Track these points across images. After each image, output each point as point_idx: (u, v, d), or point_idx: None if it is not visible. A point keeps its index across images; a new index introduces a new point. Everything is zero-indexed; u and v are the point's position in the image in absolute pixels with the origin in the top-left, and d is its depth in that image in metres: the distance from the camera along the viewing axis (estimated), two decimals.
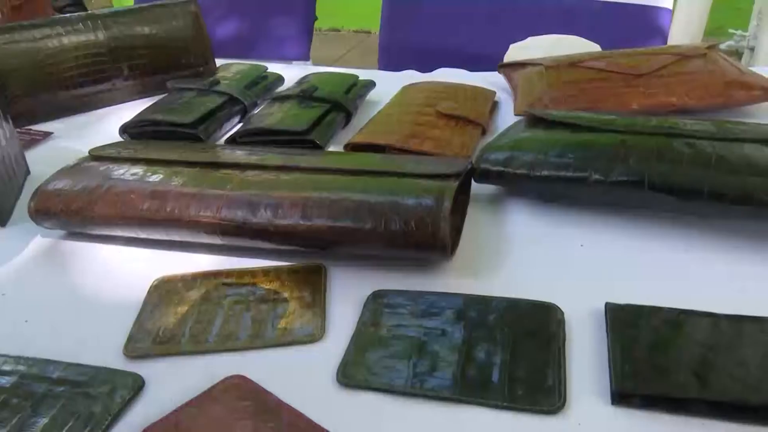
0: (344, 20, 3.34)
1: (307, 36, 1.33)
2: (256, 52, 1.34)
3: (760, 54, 1.98)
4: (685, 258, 0.46)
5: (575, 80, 0.70)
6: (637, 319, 0.38)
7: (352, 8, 3.19)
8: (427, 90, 0.76)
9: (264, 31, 1.36)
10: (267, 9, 1.34)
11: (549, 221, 0.52)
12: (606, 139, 0.52)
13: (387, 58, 1.19)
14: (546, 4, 1.11)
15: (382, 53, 1.20)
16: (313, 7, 1.33)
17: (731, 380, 0.33)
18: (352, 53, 3.04)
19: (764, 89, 0.66)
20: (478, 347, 0.37)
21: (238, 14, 1.38)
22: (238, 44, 1.36)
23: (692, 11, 1.92)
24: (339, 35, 3.34)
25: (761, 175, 0.44)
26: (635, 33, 1.07)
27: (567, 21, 1.10)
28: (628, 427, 0.32)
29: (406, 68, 0.98)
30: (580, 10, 1.12)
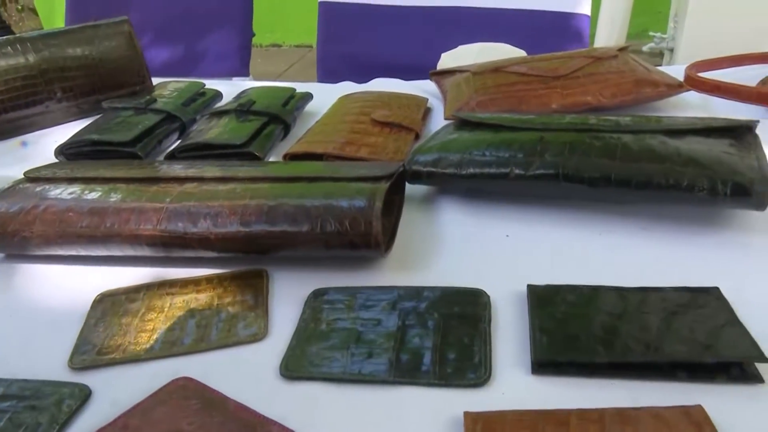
0: (285, 36, 3.35)
1: (245, 52, 1.35)
2: (196, 70, 1.35)
3: (678, 54, 2.12)
4: (600, 241, 0.50)
5: (499, 84, 0.75)
6: (554, 297, 0.42)
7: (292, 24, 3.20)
8: (362, 100, 0.80)
9: (202, 49, 1.37)
10: (203, 27, 1.35)
11: (477, 215, 0.55)
12: (525, 137, 0.56)
13: (325, 70, 1.22)
14: (474, 15, 1.17)
15: (320, 66, 1.23)
16: (250, 24, 1.35)
17: (635, 343, 0.36)
18: (294, 68, 3.05)
19: (668, 85, 0.72)
20: (411, 333, 0.40)
21: (174, 33, 1.38)
22: (178, 63, 1.36)
23: (614, 17, 2.03)
24: (280, 51, 3.35)
25: (659, 162, 0.49)
26: (558, 38, 1.13)
27: (494, 29, 1.16)
28: (547, 391, 0.36)
29: (343, 80, 1.01)
30: (507, 19, 1.18)
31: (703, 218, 0.51)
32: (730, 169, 0.47)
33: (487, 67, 0.79)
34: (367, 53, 1.18)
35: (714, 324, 0.37)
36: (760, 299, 0.41)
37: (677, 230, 0.50)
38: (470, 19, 1.16)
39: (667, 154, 0.49)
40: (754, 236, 0.48)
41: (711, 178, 0.47)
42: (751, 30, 1.74)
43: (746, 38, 1.22)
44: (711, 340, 0.36)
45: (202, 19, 1.36)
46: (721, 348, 0.35)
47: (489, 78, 0.77)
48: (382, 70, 1.03)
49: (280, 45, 3.38)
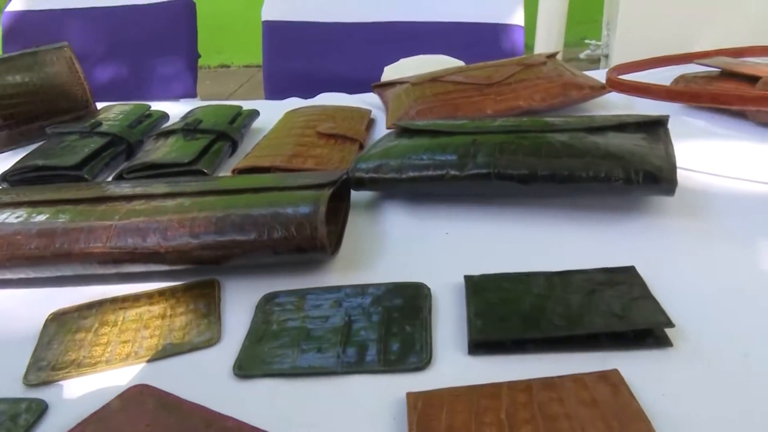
0: (233, 56, 3.36)
1: (191, 73, 1.36)
2: (143, 93, 1.35)
3: (612, 60, 2.23)
4: (531, 232, 0.54)
5: (437, 93, 0.79)
6: (488, 285, 0.45)
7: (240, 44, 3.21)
8: (307, 114, 0.82)
9: (148, 73, 1.37)
10: (148, 51, 1.36)
11: (419, 216, 0.58)
12: (459, 140, 0.59)
13: (272, 88, 1.24)
14: (414, 29, 1.22)
15: (267, 83, 1.25)
16: (195, 45, 1.36)
17: (559, 319, 0.40)
18: (244, 88, 3.06)
19: (592, 88, 0.77)
20: (357, 327, 0.42)
21: (119, 58, 1.38)
22: (124, 88, 1.36)
23: (551, 26, 2.12)
24: (229, 71, 3.35)
25: (580, 156, 0.53)
26: (494, 48, 1.19)
27: (434, 42, 1.20)
28: (483, 369, 0.39)
29: (289, 96, 1.03)
30: (445, 32, 1.23)
31: (623, 206, 0.55)
32: (642, 160, 0.51)
33: (426, 78, 0.83)
34: (312, 70, 1.21)
35: (629, 298, 0.41)
36: (671, 274, 0.45)
37: (600, 218, 0.54)
38: (410, 34, 1.21)
39: (587, 149, 0.54)
40: (667, 220, 0.53)
41: (625, 168, 0.51)
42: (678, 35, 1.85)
43: (674, 42, 1.30)
44: (625, 312, 0.40)
45: (146, 42, 1.37)
46: (634, 318, 0.39)
47: (427, 88, 0.81)
48: (327, 85, 1.06)
49: (229, 66, 3.39)
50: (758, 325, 0.40)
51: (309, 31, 1.21)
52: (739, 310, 0.41)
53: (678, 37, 1.75)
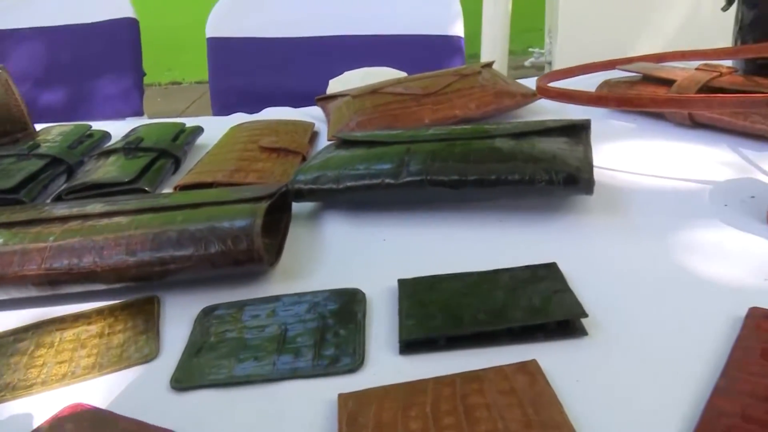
0: (184, 73, 3.33)
1: (137, 91, 1.34)
2: (88, 114, 1.33)
3: (555, 66, 2.31)
4: (463, 235, 0.56)
5: (376, 105, 0.81)
6: (420, 287, 0.47)
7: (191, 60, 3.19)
8: (250, 129, 0.83)
9: (92, 93, 1.36)
10: (91, 71, 1.34)
11: (357, 224, 0.60)
12: (394, 149, 0.62)
13: (219, 104, 1.24)
14: (358, 42, 1.24)
15: (214, 100, 1.25)
16: (140, 63, 1.35)
17: (484, 315, 0.42)
18: (197, 104, 3.03)
19: (524, 95, 0.81)
20: (292, 334, 0.44)
21: (62, 78, 1.36)
22: (68, 109, 1.34)
23: (495, 37, 2.19)
24: (180, 88, 3.32)
25: (505, 161, 0.56)
26: (435, 59, 1.22)
27: (377, 55, 1.23)
28: (413, 367, 0.40)
29: (236, 111, 1.04)
30: (388, 44, 1.26)
31: (548, 206, 0.58)
32: (562, 162, 0.54)
33: (366, 90, 0.86)
34: (258, 85, 1.22)
35: (549, 292, 0.44)
36: (590, 268, 0.48)
37: (526, 218, 0.57)
38: (354, 47, 1.23)
39: (513, 153, 0.57)
40: (588, 217, 0.56)
41: (547, 170, 0.54)
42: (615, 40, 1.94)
43: (612, 48, 1.35)
44: (544, 305, 0.42)
45: (89, 62, 1.35)
46: (552, 310, 0.42)
47: (367, 100, 0.83)
48: (274, 100, 1.07)
49: (180, 82, 3.35)
50: (668, 313, 0.43)
51: (254, 46, 1.22)
52: (650, 300, 0.44)
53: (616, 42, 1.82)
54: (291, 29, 1.27)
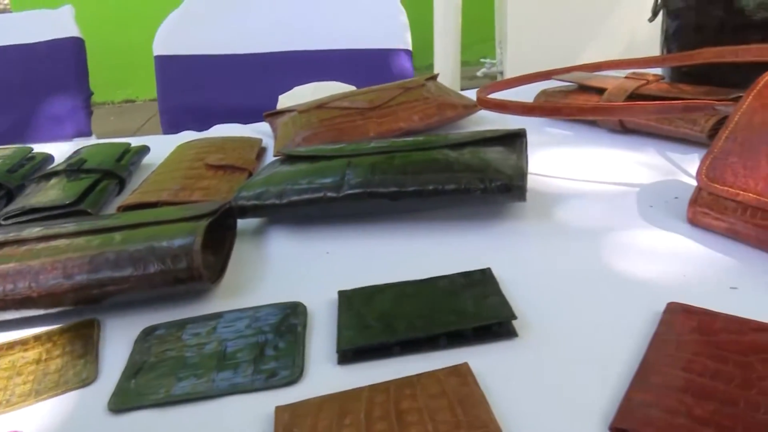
0: (138, 91, 3.28)
1: (84, 111, 1.32)
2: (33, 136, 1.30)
3: (507, 76, 2.37)
4: (405, 244, 0.57)
5: (322, 120, 0.82)
6: (359, 297, 0.48)
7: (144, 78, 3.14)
8: (197, 146, 0.83)
9: (37, 115, 1.33)
10: (36, 90, 1.32)
11: (302, 239, 0.61)
12: (336, 163, 0.63)
13: (168, 122, 1.23)
14: (307, 57, 1.25)
15: (164, 118, 1.24)
16: (86, 83, 1.33)
17: (420, 322, 0.43)
18: (152, 122, 2.99)
19: (465, 106, 0.83)
20: (232, 349, 0.44)
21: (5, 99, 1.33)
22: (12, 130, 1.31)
23: (446, 48, 2.23)
24: (135, 106, 3.26)
25: (442, 171, 0.58)
26: (383, 72, 1.24)
27: (327, 69, 1.25)
28: (351, 377, 0.41)
29: (185, 129, 1.04)
30: (337, 59, 1.27)
31: (485, 213, 0.60)
32: (496, 170, 0.56)
33: (312, 105, 0.87)
34: (208, 102, 1.21)
35: (481, 297, 0.45)
36: (523, 272, 0.50)
37: (465, 226, 0.59)
38: (304, 62, 1.24)
39: (449, 164, 0.58)
40: (523, 223, 0.58)
41: (482, 179, 0.56)
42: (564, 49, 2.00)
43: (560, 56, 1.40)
44: (477, 310, 0.44)
45: (33, 82, 1.32)
46: (483, 314, 0.43)
47: (313, 115, 0.84)
48: (224, 117, 1.07)
49: (134, 100, 3.30)
50: (593, 311, 0.45)
51: (203, 63, 1.22)
52: (577, 299, 0.46)
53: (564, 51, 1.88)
54: (240, 45, 1.27)
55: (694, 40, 0.77)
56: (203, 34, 1.27)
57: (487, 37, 3.09)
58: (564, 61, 1.01)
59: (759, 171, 0.48)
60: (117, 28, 3.04)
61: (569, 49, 2.02)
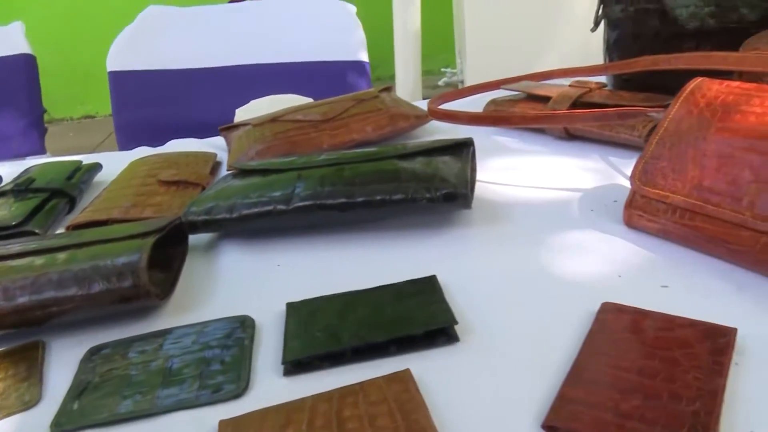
0: (98, 106, 3.22)
1: (37, 129, 1.30)
2: None
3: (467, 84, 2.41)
4: (355, 255, 0.58)
5: (276, 133, 0.82)
6: (307, 308, 0.48)
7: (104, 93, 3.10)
8: (150, 162, 0.83)
9: None
10: None
11: (253, 252, 0.61)
12: (286, 176, 0.63)
13: (124, 138, 1.22)
14: (263, 70, 1.26)
15: (119, 134, 1.23)
16: (38, 100, 1.31)
17: (365, 331, 0.44)
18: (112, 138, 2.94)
19: (417, 117, 0.85)
20: (178, 365, 0.44)
21: None
22: None
23: (407, 59, 2.26)
24: (95, 122, 3.21)
25: (389, 181, 0.59)
26: (341, 84, 1.25)
27: (284, 82, 1.25)
28: (297, 388, 0.42)
29: (142, 145, 1.03)
30: (296, 71, 1.28)
31: (433, 222, 0.61)
32: (442, 179, 0.58)
33: (266, 119, 0.87)
34: (164, 117, 1.21)
35: (425, 304, 0.46)
36: (468, 278, 0.51)
37: (414, 235, 0.60)
38: (261, 75, 1.25)
39: (396, 174, 0.59)
40: (470, 229, 0.60)
41: (428, 188, 0.57)
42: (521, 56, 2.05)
43: (518, 64, 1.43)
44: (420, 316, 0.45)
45: None
46: (425, 320, 0.44)
47: (267, 128, 0.84)
48: (181, 132, 1.06)
49: (94, 116, 3.24)
50: (532, 313, 0.46)
51: (156, 78, 1.21)
52: (518, 302, 0.48)
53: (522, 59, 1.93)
54: (196, 60, 1.27)
55: (633, 48, 0.80)
56: (158, 49, 1.26)
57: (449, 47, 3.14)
58: (522, 69, 1.04)
59: (686, 174, 0.50)
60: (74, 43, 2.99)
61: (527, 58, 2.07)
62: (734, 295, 0.45)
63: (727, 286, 0.46)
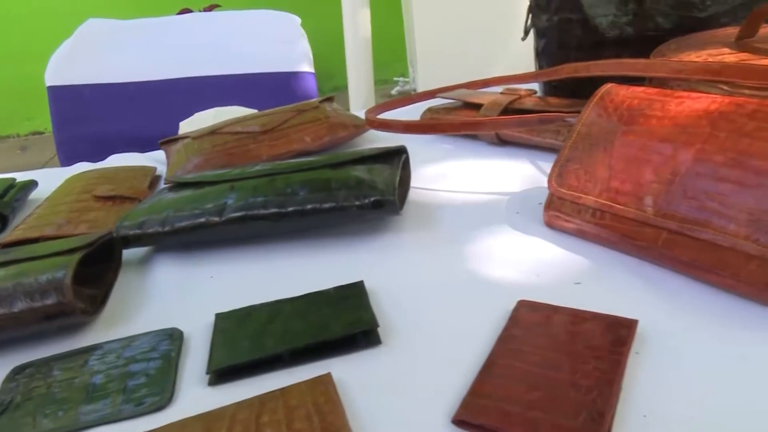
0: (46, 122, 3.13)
1: None
2: None
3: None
4: (288, 264, 0.59)
5: (215, 145, 0.83)
6: (235, 318, 0.49)
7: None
8: (86, 178, 0.82)
9: None
10: None
11: (187, 264, 0.61)
12: (219, 188, 0.64)
13: (66, 154, 1.20)
14: (208, 83, 1.25)
15: (60, 150, 1.21)
16: None
17: (291, 337, 0.45)
18: None
19: (356, 126, 0.86)
20: (100, 381, 0.44)
21: None
22: None
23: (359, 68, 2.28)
24: (43, 138, 3.12)
25: (320, 191, 0.60)
26: (287, 95, 1.26)
27: (231, 93, 1.25)
28: (222, 397, 0.42)
29: (83, 161, 1.01)
30: (241, 83, 1.28)
31: (365, 229, 0.63)
32: (370, 187, 0.59)
33: (205, 132, 0.87)
34: (106, 131, 1.19)
35: (350, 308, 0.48)
36: (395, 282, 0.53)
37: (347, 242, 0.61)
38: (207, 87, 1.25)
39: (327, 183, 0.61)
40: (400, 235, 0.61)
41: (357, 196, 0.59)
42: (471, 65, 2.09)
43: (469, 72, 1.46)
44: (344, 321, 0.46)
45: None
46: (348, 324, 0.45)
47: (206, 141, 0.84)
48: (124, 146, 1.05)
49: (42, 132, 3.16)
50: (454, 314, 0.48)
51: (97, 93, 1.20)
52: (442, 304, 0.50)
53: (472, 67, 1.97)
54: (141, 73, 1.26)
55: (559, 56, 0.84)
56: (100, 63, 1.25)
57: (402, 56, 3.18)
58: (472, 76, 1.06)
59: (596, 176, 0.53)
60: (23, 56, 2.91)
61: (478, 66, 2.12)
62: (640, 288, 0.48)
63: (635, 280, 0.49)
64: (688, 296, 0.46)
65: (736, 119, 0.46)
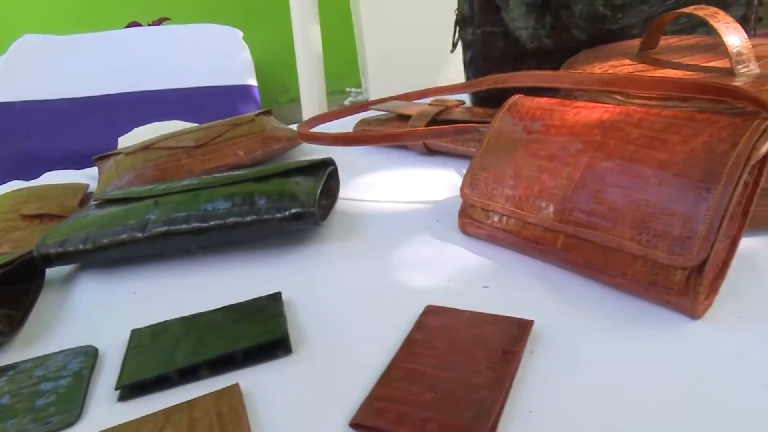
0: None
1: None
2: None
3: None
4: (211, 278, 0.60)
5: (147, 161, 0.83)
6: (151, 334, 0.49)
7: None
8: (14, 197, 0.81)
9: None
10: None
11: (111, 282, 0.61)
12: (143, 204, 0.64)
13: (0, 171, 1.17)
14: (147, 98, 1.25)
15: None
16: None
17: (200, 349, 0.46)
18: None
19: (289, 139, 0.88)
20: (10, 401, 0.44)
21: None
22: None
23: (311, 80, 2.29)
24: None
25: (242, 204, 0.61)
26: (230, 108, 1.27)
27: (172, 108, 1.25)
28: (132, 412, 0.42)
29: (17, 179, 1.00)
30: (183, 97, 1.28)
31: (291, 240, 0.64)
32: (290, 199, 0.61)
33: (138, 147, 0.87)
34: (41, 149, 1.17)
35: (264, 319, 0.49)
36: (315, 293, 0.54)
37: (270, 254, 0.62)
38: (144, 103, 1.24)
39: (250, 196, 0.62)
40: (323, 246, 0.63)
41: (278, 209, 0.60)
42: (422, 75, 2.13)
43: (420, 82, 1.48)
44: (256, 331, 0.47)
45: None
46: (257, 335, 0.47)
47: (139, 156, 0.84)
48: (63, 163, 1.04)
49: None
50: (369, 321, 0.50)
51: (32, 110, 1.18)
52: (358, 312, 0.51)
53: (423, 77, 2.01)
54: (78, 89, 1.24)
55: (484, 67, 0.87)
56: (37, 79, 1.23)
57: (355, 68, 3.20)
58: (423, 86, 1.09)
59: (503, 183, 0.55)
60: None
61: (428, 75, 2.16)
62: (541, 290, 0.51)
63: (537, 282, 0.52)
64: (584, 296, 0.49)
65: (624, 127, 0.50)
